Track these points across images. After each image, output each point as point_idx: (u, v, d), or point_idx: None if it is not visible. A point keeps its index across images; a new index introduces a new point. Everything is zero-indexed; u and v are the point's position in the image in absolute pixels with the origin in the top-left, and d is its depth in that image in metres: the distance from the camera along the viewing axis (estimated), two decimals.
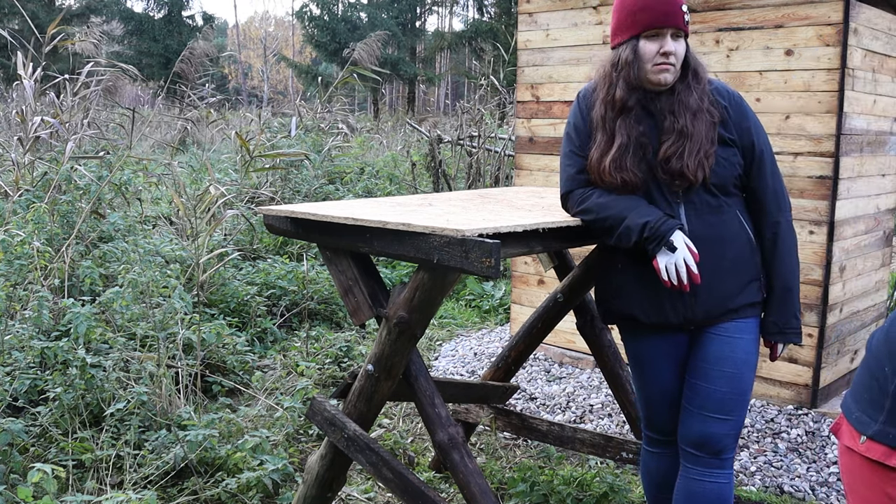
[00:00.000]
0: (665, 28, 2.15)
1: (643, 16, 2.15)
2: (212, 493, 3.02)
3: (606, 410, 4.11)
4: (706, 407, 2.23)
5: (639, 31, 2.17)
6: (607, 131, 2.23)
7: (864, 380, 1.52)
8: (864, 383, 1.51)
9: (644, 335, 2.33)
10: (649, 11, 2.15)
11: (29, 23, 6.53)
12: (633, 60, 2.19)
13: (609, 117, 2.23)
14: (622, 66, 2.21)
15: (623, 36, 2.21)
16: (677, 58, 2.18)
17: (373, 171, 10.07)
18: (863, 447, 1.47)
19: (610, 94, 2.23)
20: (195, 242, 4.97)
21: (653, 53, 2.16)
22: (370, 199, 2.85)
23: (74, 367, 3.37)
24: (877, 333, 1.53)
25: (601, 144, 2.23)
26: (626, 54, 2.20)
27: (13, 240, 4.18)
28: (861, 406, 1.50)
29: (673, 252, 2.12)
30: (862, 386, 1.52)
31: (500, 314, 6.18)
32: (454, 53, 30.36)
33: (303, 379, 4.06)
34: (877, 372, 1.47)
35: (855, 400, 1.53)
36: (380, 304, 2.38)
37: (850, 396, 1.57)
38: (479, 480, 2.28)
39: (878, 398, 1.46)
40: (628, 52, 2.19)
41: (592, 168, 2.25)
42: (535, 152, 4.84)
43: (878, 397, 1.45)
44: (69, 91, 6.39)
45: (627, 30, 2.20)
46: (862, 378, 1.53)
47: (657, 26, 2.14)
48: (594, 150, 2.25)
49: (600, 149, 2.23)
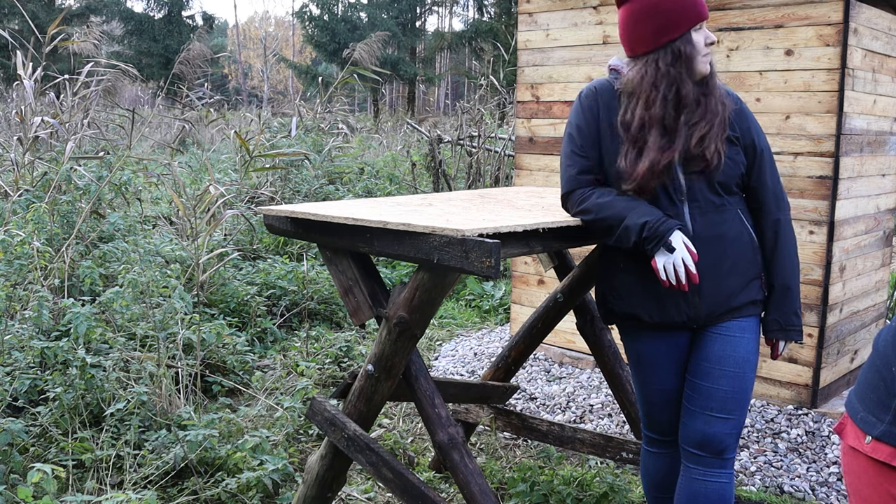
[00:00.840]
0: (705, 20, 2.22)
1: (693, 11, 2.18)
2: (212, 493, 3.01)
3: (606, 410, 4.11)
4: (708, 406, 2.23)
5: (691, 24, 2.19)
6: (640, 141, 2.19)
7: (870, 379, 1.51)
8: (870, 383, 1.50)
9: (645, 335, 2.34)
10: (698, 5, 2.19)
11: (29, 23, 6.53)
12: (692, 55, 2.20)
13: (671, 117, 2.20)
14: (684, 60, 2.20)
15: (673, 34, 2.18)
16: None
17: (373, 172, 10.07)
18: (868, 447, 1.46)
19: (673, 93, 2.19)
20: (195, 242, 4.97)
21: (702, 45, 2.20)
22: (370, 199, 2.85)
23: (74, 367, 3.37)
24: (884, 332, 1.52)
25: (629, 155, 2.19)
26: (686, 49, 2.19)
27: (13, 240, 4.18)
28: (867, 406, 1.49)
29: (671, 252, 2.12)
30: (868, 386, 1.51)
31: (500, 314, 6.18)
32: (454, 53, 30.36)
33: (303, 379, 4.06)
34: (884, 371, 1.46)
35: (860, 400, 1.52)
36: (380, 304, 2.38)
37: (854, 396, 1.56)
38: (479, 480, 2.28)
39: (884, 398, 1.45)
40: (688, 47, 2.19)
41: (621, 176, 2.21)
42: (535, 152, 4.84)
43: (885, 397, 1.45)
44: (69, 91, 6.39)
45: (677, 27, 2.18)
46: (868, 377, 1.52)
47: (704, 19, 2.20)
48: (621, 159, 2.20)
49: (632, 162, 2.18)
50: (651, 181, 2.17)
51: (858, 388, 1.55)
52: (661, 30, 2.20)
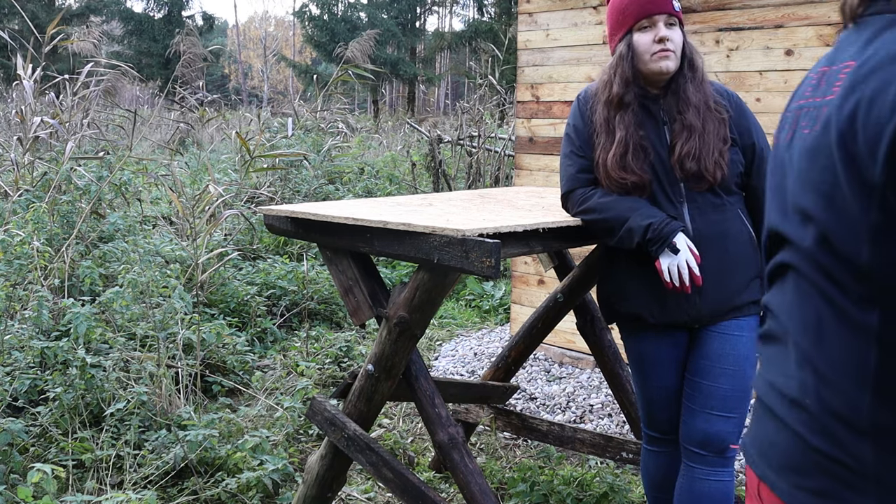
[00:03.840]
0: (655, 15, 2.17)
1: (632, 8, 2.19)
2: (212, 493, 3.01)
3: (606, 410, 4.11)
4: (708, 405, 2.24)
5: (631, 23, 2.19)
6: (609, 131, 2.24)
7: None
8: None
9: (647, 335, 2.34)
10: (637, 3, 2.17)
11: (28, 23, 6.53)
12: (626, 54, 2.20)
13: (610, 117, 2.24)
14: (617, 62, 2.23)
15: (618, 35, 2.24)
16: (675, 44, 2.19)
17: (373, 172, 10.06)
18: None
19: (608, 94, 2.24)
20: (195, 242, 4.97)
21: (648, 43, 2.17)
22: (370, 199, 2.85)
23: (74, 367, 3.37)
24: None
25: (605, 146, 2.24)
26: (620, 49, 2.22)
27: (13, 240, 4.18)
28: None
29: (676, 254, 2.13)
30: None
31: (500, 314, 6.18)
32: (454, 53, 30.36)
33: (303, 379, 4.06)
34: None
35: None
36: (380, 304, 2.38)
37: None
38: (479, 480, 2.29)
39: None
40: (622, 47, 2.22)
41: (600, 171, 2.26)
42: (535, 152, 4.84)
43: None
44: (69, 91, 6.38)
45: (621, 27, 2.22)
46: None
47: (647, 15, 2.17)
48: (599, 152, 2.26)
49: (605, 150, 2.24)
50: (610, 176, 2.22)
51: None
52: (610, 35, 2.27)
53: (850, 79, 1.07)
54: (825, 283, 1.07)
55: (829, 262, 1.07)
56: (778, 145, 1.25)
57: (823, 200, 1.07)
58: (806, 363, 1.11)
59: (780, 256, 1.17)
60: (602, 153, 2.25)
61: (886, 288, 0.99)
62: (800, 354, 1.12)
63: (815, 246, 1.08)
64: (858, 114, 1.03)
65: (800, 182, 1.13)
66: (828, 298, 1.07)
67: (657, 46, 2.17)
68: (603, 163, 2.24)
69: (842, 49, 1.17)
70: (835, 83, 1.11)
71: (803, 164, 1.12)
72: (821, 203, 1.08)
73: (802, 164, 1.12)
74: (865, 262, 1.02)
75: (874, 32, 1.10)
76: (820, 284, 1.08)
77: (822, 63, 1.22)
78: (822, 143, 1.08)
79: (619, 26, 2.23)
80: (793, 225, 1.14)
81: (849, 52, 1.13)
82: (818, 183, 1.08)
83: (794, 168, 1.16)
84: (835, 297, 1.06)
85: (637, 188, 2.21)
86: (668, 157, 2.22)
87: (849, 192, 1.03)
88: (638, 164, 2.20)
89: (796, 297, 1.13)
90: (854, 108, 1.03)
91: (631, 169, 2.19)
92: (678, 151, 2.18)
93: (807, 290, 1.11)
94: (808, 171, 1.11)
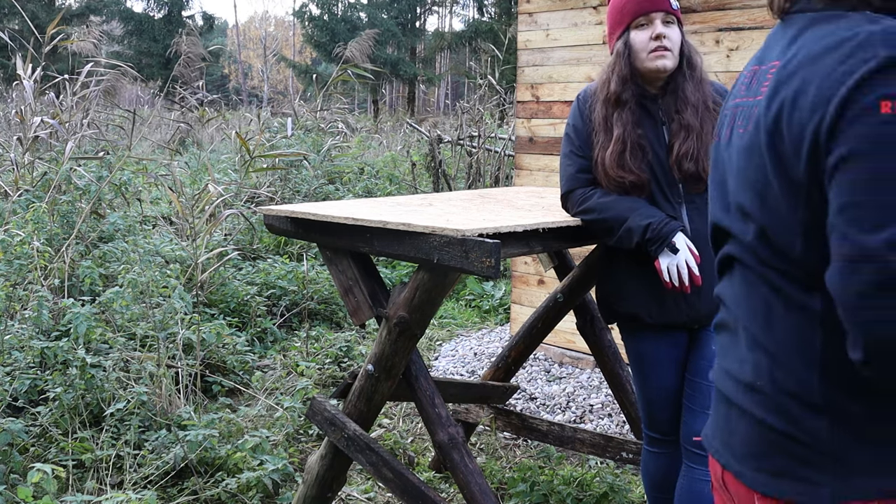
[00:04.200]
0: (653, 13, 2.17)
1: (629, 6, 2.19)
2: (212, 493, 3.01)
3: (606, 410, 4.11)
4: (708, 405, 2.24)
5: (628, 21, 2.19)
6: (608, 129, 2.24)
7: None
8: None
9: (646, 335, 2.34)
10: (634, 1, 2.18)
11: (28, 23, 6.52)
12: (623, 52, 2.20)
13: (608, 115, 2.24)
14: (615, 60, 2.23)
15: (616, 33, 2.24)
16: (673, 43, 2.19)
17: (373, 172, 10.06)
18: None
19: (605, 92, 2.24)
20: (195, 242, 4.97)
21: (645, 41, 2.18)
22: (370, 199, 2.85)
23: (74, 367, 3.37)
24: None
25: (604, 144, 2.24)
26: (618, 47, 2.22)
27: (13, 240, 4.18)
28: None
29: (675, 253, 2.13)
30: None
31: (500, 314, 6.18)
32: (454, 53, 30.36)
33: (303, 379, 4.06)
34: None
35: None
36: (380, 304, 2.38)
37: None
38: (479, 480, 2.29)
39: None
40: (620, 45, 2.22)
41: (598, 169, 2.26)
42: (535, 152, 4.84)
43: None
44: (69, 91, 6.38)
45: (619, 25, 2.23)
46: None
47: (644, 12, 2.17)
48: (598, 150, 2.26)
49: (603, 148, 2.24)
50: (608, 174, 2.22)
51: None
52: (609, 34, 2.28)
53: (774, 79, 1.11)
54: (769, 273, 1.12)
55: (768, 255, 1.11)
56: (718, 143, 1.28)
57: (758, 199, 1.11)
58: (756, 347, 1.15)
59: (726, 249, 1.22)
60: (600, 151, 2.25)
61: (822, 277, 1.03)
62: (750, 339, 1.16)
63: (755, 240, 1.13)
64: (783, 114, 1.06)
65: (738, 180, 1.17)
66: (773, 286, 1.11)
67: (654, 44, 2.17)
68: (601, 161, 2.24)
69: (770, 47, 1.20)
70: (763, 83, 1.14)
71: (741, 162, 1.16)
72: (756, 201, 1.12)
73: (740, 162, 1.16)
74: (800, 254, 1.07)
75: (797, 31, 1.13)
76: (765, 274, 1.12)
77: (753, 62, 1.24)
78: (754, 143, 1.12)
79: (617, 24, 2.23)
80: (734, 220, 1.18)
81: (775, 52, 1.16)
82: (753, 182, 1.13)
83: (732, 166, 1.19)
84: (780, 284, 1.10)
85: (635, 188, 2.21)
86: (667, 158, 2.22)
87: (779, 190, 1.07)
88: (636, 162, 2.20)
89: (743, 287, 1.18)
90: (779, 109, 1.07)
91: (629, 168, 2.19)
92: (676, 151, 2.18)
93: (753, 280, 1.15)
94: (744, 169, 1.15)
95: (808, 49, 1.07)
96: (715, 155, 1.29)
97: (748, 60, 1.27)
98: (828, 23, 1.09)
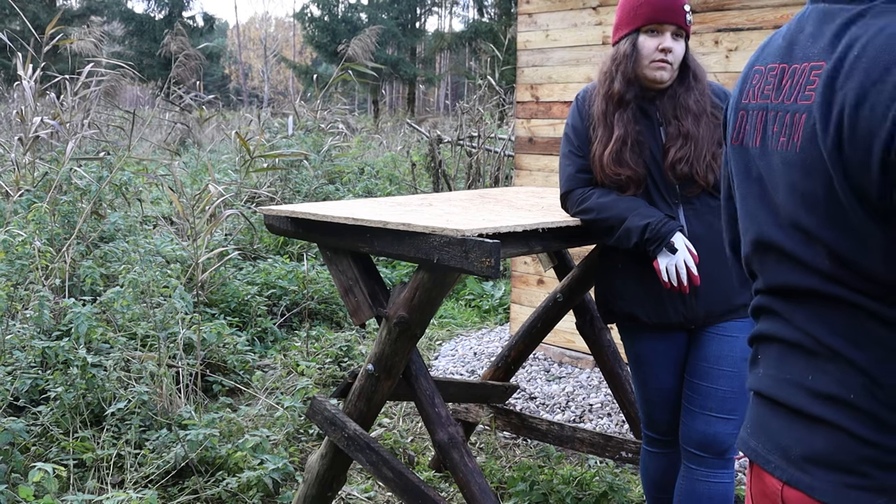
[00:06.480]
0: (665, 25, 2.17)
1: (644, 10, 2.18)
2: (212, 492, 3.02)
3: (606, 410, 4.12)
4: (707, 406, 2.24)
5: (640, 24, 2.19)
6: (607, 126, 2.24)
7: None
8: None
9: (644, 335, 2.34)
10: (651, 6, 2.17)
11: (28, 24, 6.53)
12: (630, 54, 2.21)
13: (608, 111, 2.24)
14: (620, 59, 2.23)
15: (624, 30, 2.23)
16: (675, 57, 2.19)
17: (373, 172, 10.07)
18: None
19: (608, 88, 2.25)
20: (195, 242, 4.97)
21: (651, 49, 2.18)
22: (370, 199, 2.86)
23: (75, 367, 3.38)
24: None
25: (602, 139, 2.25)
26: (625, 47, 2.22)
27: (14, 240, 4.18)
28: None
29: (674, 253, 2.13)
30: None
31: (499, 314, 6.19)
32: (454, 54, 30.35)
33: (303, 378, 4.06)
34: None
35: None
36: (380, 304, 2.38)
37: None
38: (479, 480, 2.29)
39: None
40: (627, 46, 2.22)
41: (595, 164, 2.27)
42: (535, 152, 4.84)
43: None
44: (69, 91, 6.39)
45: (629, 24, 2.22)
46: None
47: (658, 21, 2.17)
48: (596, 145, 2.26)
49: (602, 143, 2.24)
50: (605, 171, 2.23)
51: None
52: (616, 27, 2.27)
53: (825, 83, 1.01)
54: (850, 294, 1.04)
55: (848, 277, 1.03)
56: (744, 149, 1.18)
57: (825, 220, 1.02)
58: (838, 358, 1.06)
59: (791, 276, 1.11)
60: (598, 147, 2.25)
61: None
62: (829, 353, 1.08)
63: (830, 265, 1.04)
64: (843, 123, 0.97)
65: (792, 197, 1.07)
66: (856, 305, 1.04)
67: (658, 55, 2.18)
68: (599, 157, 2.25)
69: (797, 44, 1.10)
70: (806, 86, 1.05)
71: (794, 177, 1.07)
72: (823, 222, 1.03)
73: (793, 177, 1.07)
74: (884, 276, 1.00)
75: (840, 27, 1.03)
76: (844, 296, 1.04)
77: (770, 58, 1.15)
78: (813, 159, 1.03)
79: (628, 21, 2.22)
80: (796, 243, 1.08)
81: (814, 51, 1.06)
82: (814, 201, 1.03)
83: (780, 180, 1.10)
84: (863, 303, 1.03)
85: (632, 182, 2.22)
86: (663, 159, 2.23)
87: (850, 209, 0.99)
88: (634, 158, 2.21)
89: (816, 306, 1.09)
90: (839, 118, 0.98)
91: (626, 164, 2.20)
92: (671, 157, 2.19)
93: (828, 300, 1.07)
94: (801, 186, 1.06)
95: (865, 45, 0.97)
96: (744, 164, 1.18)
97: (746, 60, 1.20)
98: (883, 16, 0.99)
